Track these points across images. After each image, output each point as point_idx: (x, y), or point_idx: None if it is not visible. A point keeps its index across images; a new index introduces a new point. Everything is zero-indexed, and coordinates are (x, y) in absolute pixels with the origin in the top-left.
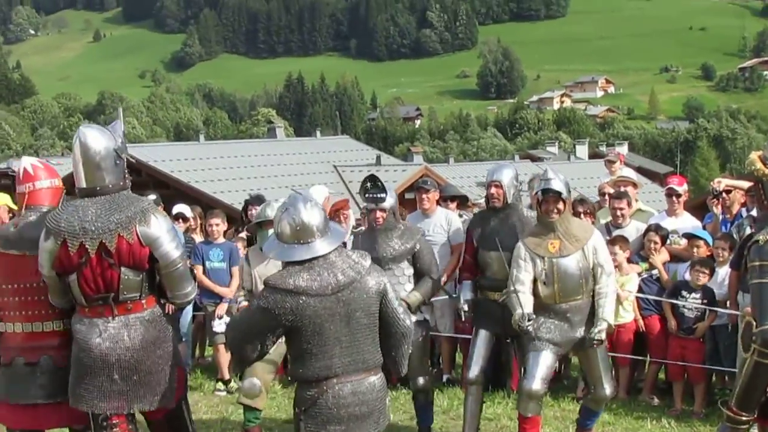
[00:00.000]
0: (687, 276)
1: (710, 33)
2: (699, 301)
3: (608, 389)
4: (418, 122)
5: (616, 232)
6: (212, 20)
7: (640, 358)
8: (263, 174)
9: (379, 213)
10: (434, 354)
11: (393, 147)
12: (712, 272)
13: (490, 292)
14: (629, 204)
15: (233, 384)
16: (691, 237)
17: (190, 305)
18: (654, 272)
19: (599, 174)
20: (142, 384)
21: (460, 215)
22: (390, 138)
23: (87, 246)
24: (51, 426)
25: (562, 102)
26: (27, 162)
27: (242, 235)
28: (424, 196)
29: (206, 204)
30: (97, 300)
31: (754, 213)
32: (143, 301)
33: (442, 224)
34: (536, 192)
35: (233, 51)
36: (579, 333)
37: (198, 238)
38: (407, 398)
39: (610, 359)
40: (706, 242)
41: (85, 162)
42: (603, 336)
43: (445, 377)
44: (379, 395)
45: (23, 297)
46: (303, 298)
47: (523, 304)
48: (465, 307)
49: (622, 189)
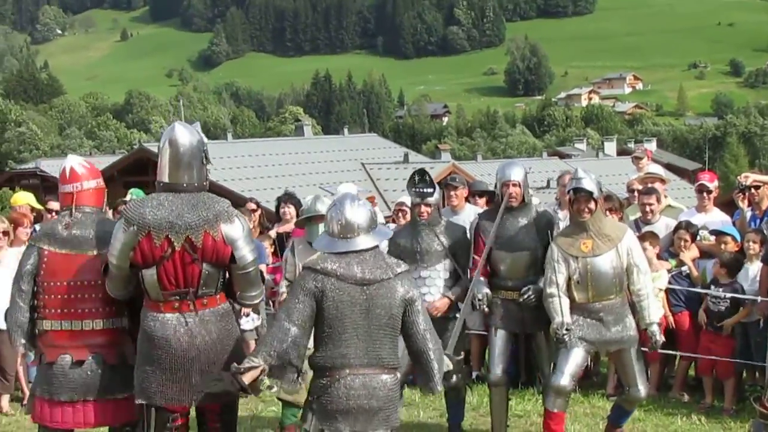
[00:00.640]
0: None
1: (739, 29)
2: (724, 295)
3: (643, 390)
4: (446, 120)
5: (646, 228)
6: (239, 19)
7: (670, 353)
8: (291, 172)
9: (425, 207)
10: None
11: (421, 144)
12: (735, 271)
13: (505, 291)
14: (658, 200)
15: (266, 381)
16: (719, 234)
17: None
18: (684, 268)
19: (627, 171)
20: (217, 378)
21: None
22: (417, 135)
23: (173, 240)
24: (93, 425)
25: (590, 99)
26: (75, 161)
27: (271, 233)
28: (453, 193)
29: (234, 202)
30: (175, 295)
31: None
32: (217, 297)
33: (471, 221)
34: (568, 191)
35: (260, 49)
36: (612, 333)
37: None
38: (436, 395)
39: (643, 358)
40: (734, 238)
41: (173, 157)
42: (659, 338)
43: (475, 374)
44: (390, 394)
45: (74, 295)
46: (330, 279)
47: (561, 312)
48: (480, 297)
49: (650, 185)
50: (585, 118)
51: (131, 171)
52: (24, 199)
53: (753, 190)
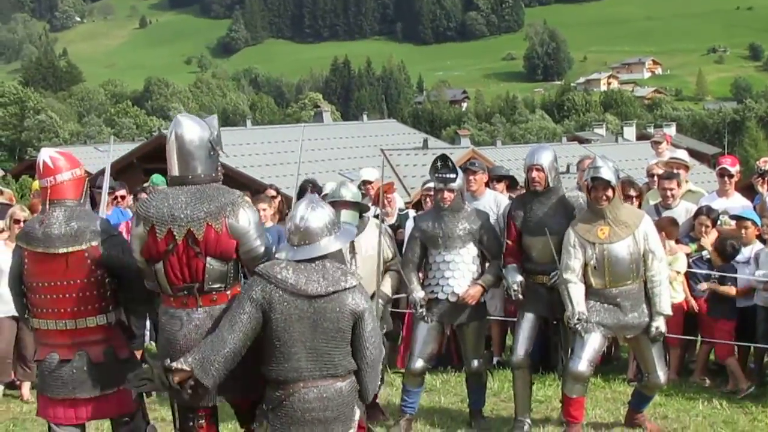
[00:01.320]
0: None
1: (758, 13)
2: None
3: (662, 376)
4: (465, 105)
5: (666, 213)
6: (258, 5)
7: (691, 338)
8: (311, 158)
9: (447, 193)
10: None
11: (440, 130)
12: (729, 256)
13: (536, 276)
14: (679, 185)
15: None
16: (740, 218)
17: None
18: (704, 253)
19: (647, 155)
20: (229, 375)
21: (510, 198)
22: (437, 121)
23: (174, 233)
24: (94, 418)
25: (609, 83)
26: (45, 154)
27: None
28: (472, 178)
29: (255, 189)
30: (182, 290)
31: None
32: (228, 292)
33: (491, 206)
34: (586, 179)
35: (279, 36)
36: (630, 318)
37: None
38: (457, 380)
39: (662, 344)
40: (754, 223)
41: (179, 150)
42: (663, 329)
43: (496, 359)
44: (347, 400)
45: (55, 295)
46: (278, 291)
47: (575, 300)
48: (515, 287)
49: (675, 171)
50: (604, 103)
51: (151, 158)
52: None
53: None
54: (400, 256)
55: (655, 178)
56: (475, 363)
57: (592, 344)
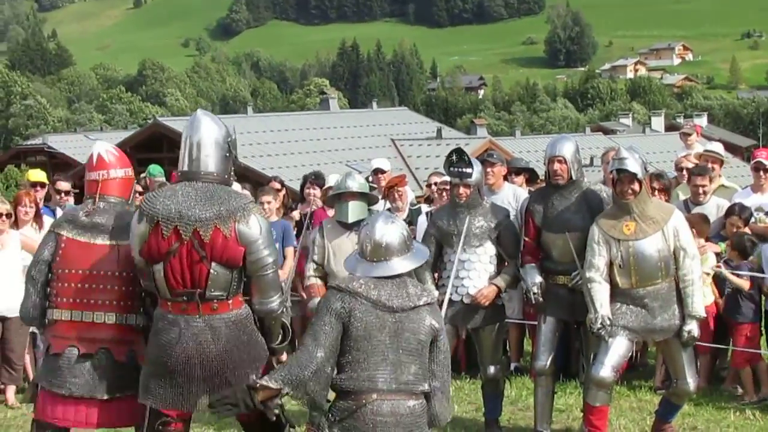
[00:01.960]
0: None
1: None
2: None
3: (692, 383)
4: (482, 92)
5: (696, 209)
6: None
7: (720, 347)
8: (316, 148)
9: (463, 189)
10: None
11: (455, 119)
12: (746, 254)
13: (557, 276)
14: (711, 181)
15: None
16: None
17: None
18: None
19: (676, 148)
20: (225, 386)
21: (530, 192)
22: (451, 109)
23: (181, 231)
24: (95, 426)
25: (636, 70)
26: (103, 148)
27: (294, 214)
28: (489, 170)
29: (256, 181)
30: (182, 295)
31: None
32: (229, 302)
33: (510, 201)
34: (610, 171)
35: (283, 17)
36: (659, 321)
37: None
38: (472, 388)
39: (693, 349)
40: None
41: (193, 144)
42: (695, 333)
43: (513, 365)
44: (418, 421)
45: (87, 284)
46: (359, 300)
47: (599, 303)
48: (535, 290)
49: (709, 165)
50: (631, 91)
51: (145, 147)
52: (38, 177)
53: None
54: None
55: (685, 172)
56: (492, 369)
57: (617, 349)
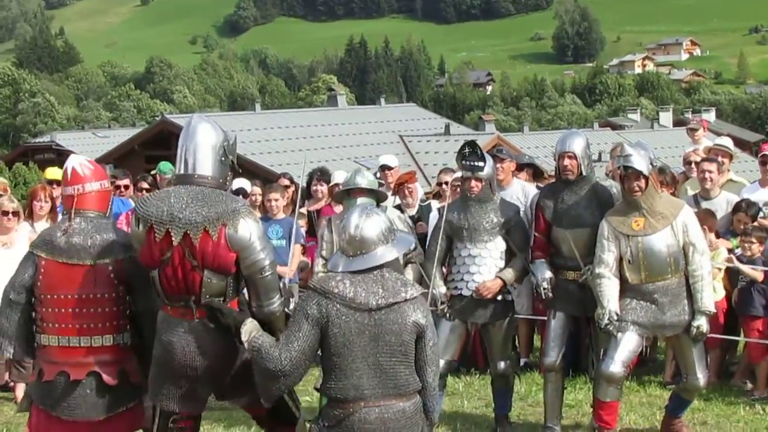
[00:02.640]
0: None
1: None
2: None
3: (702, 379)
4: (490, 88)
5: (706, 204)
6: None
7: (733, 339)
8: (324, 145)
9: (475, 182)
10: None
11: (463, 115)
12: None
13: (566, 271)
14: (719, 170)
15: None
16: None
17: None
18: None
19: (684, 143)
20: (230, 386)
21: (538, 187)
22: (459, 105)
23: (172, 234)
24: None
25: (644, 66)
26: (76, 161)
27: (302, 211)
28: (499, 166)
29: (264, 178)
30: (179, 300)
31: None
32: (228, 305)
33: (519, 196)
34: (617, 167)
35: (290, 14)
36: (669, 316)
37: (257, 214)
38: (482, 384)
39: (703, 344)
40: None
41: (188, 147)
42: (705, 329)
43: (523, 361)
44: (409, 422)
45: (71, 309)
46: (336, 305)
47: (608, 298)
48: (545, 285)
49: (720, 159)
50: (639, 87)
51: (153, 144)
52: (55, 174)
53: None
54: (421, 249)
55: (693, 165)
56: (502, 365)
57: (627, 345)
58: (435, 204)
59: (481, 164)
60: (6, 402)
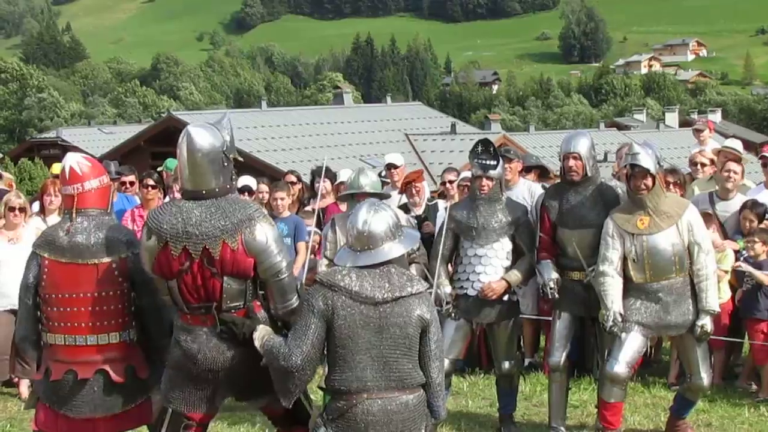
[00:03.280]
0: None
1: None
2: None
3: (706, 379)
4: (496, 87)
5: (722, 204)
6: None
7: (737, 341)
8: (330, 143)
9: (486, 181)
10: None
11: (469, 114)
12: None
13: (572, 272)
14: (743, 172)
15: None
16: None
17: None
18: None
19: (690, 143)
20: (250, 388)
21: (544, 187)
22: (465, 104)
23: (190, 250)
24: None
25: (651, 66)
26: (74, 160)
27: (308, 209)
28: (507, 166)
29: (270, 175)
30: (199, 308)
31: None
32: (245, 313)
33: (525, 196)
34: (624, 166)
35: (297, 11)
36: (673, 316)
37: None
38: (486, 383)
39: (707, 345)
40: None
41: (191, 163)
42: (709, 329)
43: (527, 361)
44: (413, 415)
45: (77, 308)
46: (341, 297)
47: (611, 298)
48: (551, 285)
49: (727, 162)
50: (645, 87)
51: (159, 141)
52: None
53: None
54: (424, 248)
55: (699, 167)
56: (506, 365)
57: (632, 345)
58: (442, 203)
59: (494, 163)
60: (10, 398)
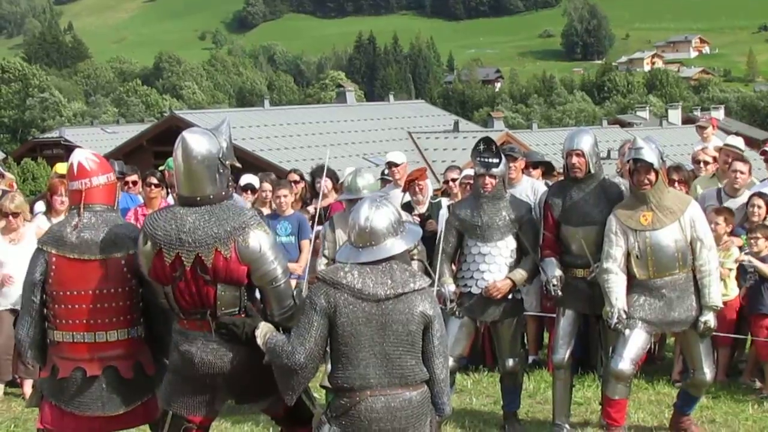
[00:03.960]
0: None
1: None
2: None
3: (708, 374)
4: (499, 85)
5: (730, 201)
6: None
7: (741, 337)
8: (333, 141)
9: (489, 179)
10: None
11: (471, 112)
12: None
13: (576, 269)
14: (750, 171)
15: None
16: None
17: None
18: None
19: (693, 140)
20: (249, 391)
21: (547, 185)
22: (468, 102)
23: (183, 258)
24: (121, 429)
25: (653, 63)
26: (82, 155)
27: (310, 208)
28: (511, 165)
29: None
30: (195, 314)
31: None
32: (243, 314)
33: (528, 194)
34: (627, 161)
35: (299, 10)
36: (677, 313)
37: (266, 211)
38: (490, 381)
39: (710, 340)
40: None
41: (187, 170)
42: (712, 324)
43: (531, 358)
44: (417, 411)
45: (85, 305)
46: (343, 294)
47: (615, 296)
48: (555, 282)
49: (731, 161)
50: (648, 84)
51: (161, 140)
52: (63, 169)
53: None
54: (423, 246)
55: (702, 165)
56: (510, 362)
57: (636, 342)
58: (445, 201)
59: (496, 161)
60: (14, 398)
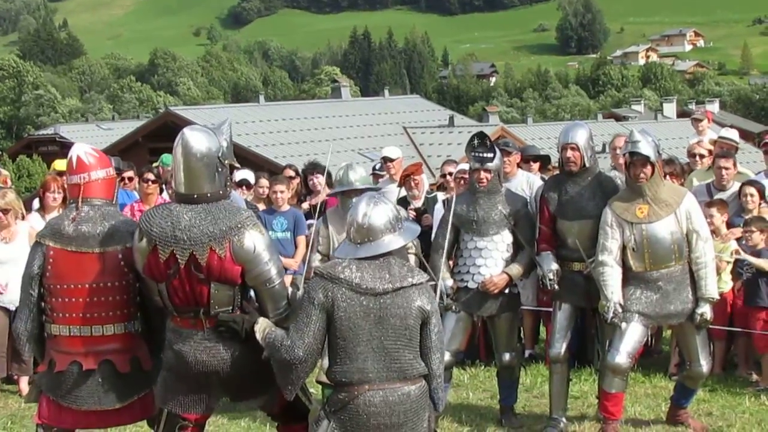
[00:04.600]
0: None
1: None
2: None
3: (705, 366)
4: (494, 80)
5: (718, 195)
6: None
7: (737, 330)
8: (328, 137)
9: (484, 174)
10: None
11: (466, 107)
12: None
13: (572, 263)
14: (735, 165)
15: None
16: None
17: None
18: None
19: (688, 134)
20: (244, 389)
21: (543, 179)
22: (463, 97)
23: (177, 255)
24: (119, 424)
25: (648, 57)
26: (81, 149)
27: (305, 205)
28: (506, 159)
29: (268, 170)
30: (188, 312)
31: None
32: (237, 313)
33: (524, 188)
34: (624, 154)
35: (294, 5)
36: (673, 306)
37: (262, 206)
38: (487, 375)
39: (706, 332)
40: None
41: (186, 167)
42: (708, 317)
43: (528, 353)
44: (414, 406)
45: (82, 298)
46: (341, 289)
47: (611, 289)
48: (551, 276)
49: (717, 159)
50: (642, 78)
51: (157, 136)
52: (64, 166)
53: None
54: (418, 240)
55: (697, 158)
56: (507, 357)
57: (632, 335)
58: (441, 196)
59: (491, 155)
60: (11, 395)
